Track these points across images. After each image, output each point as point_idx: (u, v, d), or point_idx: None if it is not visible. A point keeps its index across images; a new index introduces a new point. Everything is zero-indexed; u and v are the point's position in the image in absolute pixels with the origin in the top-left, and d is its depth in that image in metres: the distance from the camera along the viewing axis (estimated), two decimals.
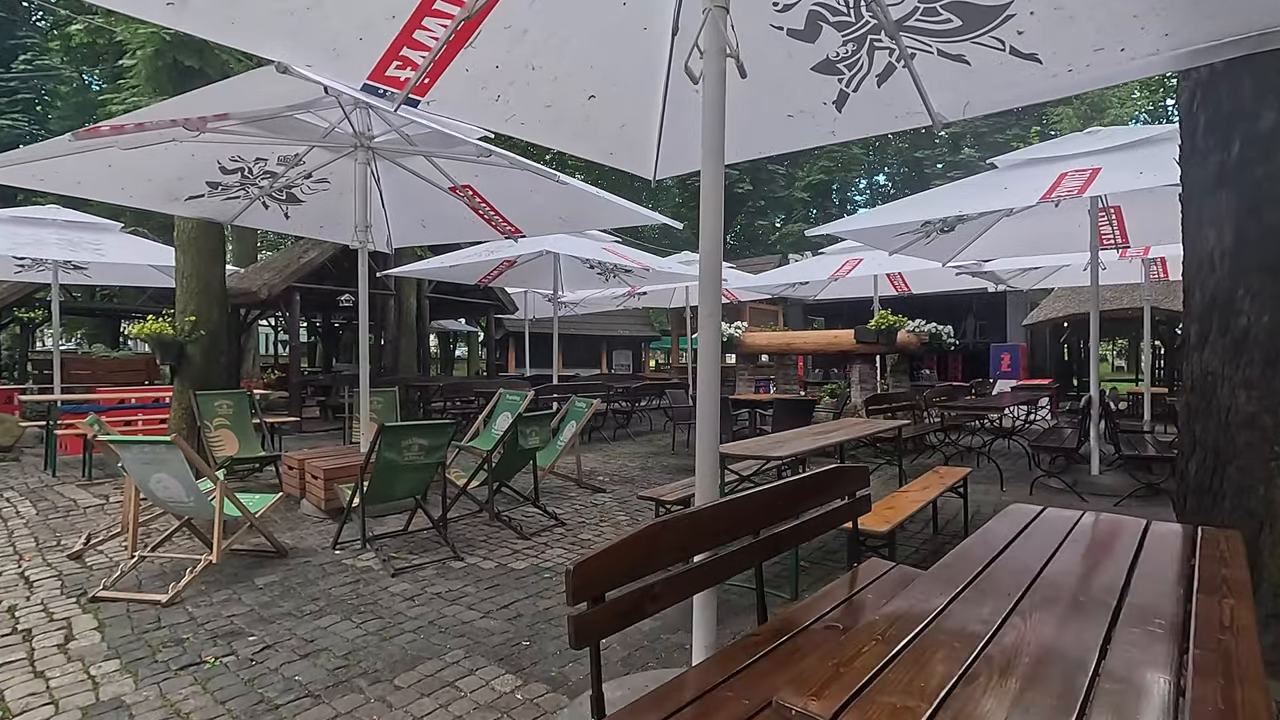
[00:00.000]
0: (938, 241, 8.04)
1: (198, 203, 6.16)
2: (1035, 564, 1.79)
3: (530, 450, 5.12)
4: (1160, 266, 10.40)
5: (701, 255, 2.09)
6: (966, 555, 1.88)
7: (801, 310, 19.68)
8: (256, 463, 6.23)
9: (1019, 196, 5.74)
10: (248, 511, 4.02)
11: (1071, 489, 6.14)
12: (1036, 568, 1.76)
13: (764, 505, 2.20)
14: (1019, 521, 2.24)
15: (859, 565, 2.76)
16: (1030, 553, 1.91)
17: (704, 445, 2.17)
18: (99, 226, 9.69)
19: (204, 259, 6.53)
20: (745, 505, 2.12)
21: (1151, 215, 7.44)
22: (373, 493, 4.27)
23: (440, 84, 3.38)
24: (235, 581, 3.90)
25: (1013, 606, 1.51)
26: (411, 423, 4.26)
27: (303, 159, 6.11)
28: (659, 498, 4.07)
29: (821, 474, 2.51)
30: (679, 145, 4.39)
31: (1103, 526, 2.23)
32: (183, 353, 6.37)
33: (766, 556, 2.21)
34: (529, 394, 6.76)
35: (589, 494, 6.32)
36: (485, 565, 4.20)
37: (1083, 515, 2.34)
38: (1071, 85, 3.17)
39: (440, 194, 6.51)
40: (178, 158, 5.57)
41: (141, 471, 3.73)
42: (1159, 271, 10.54)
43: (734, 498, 2.10)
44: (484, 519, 5.25)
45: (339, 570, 4.09)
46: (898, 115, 3.65)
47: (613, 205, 6.00)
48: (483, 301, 14.54)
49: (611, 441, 10.02)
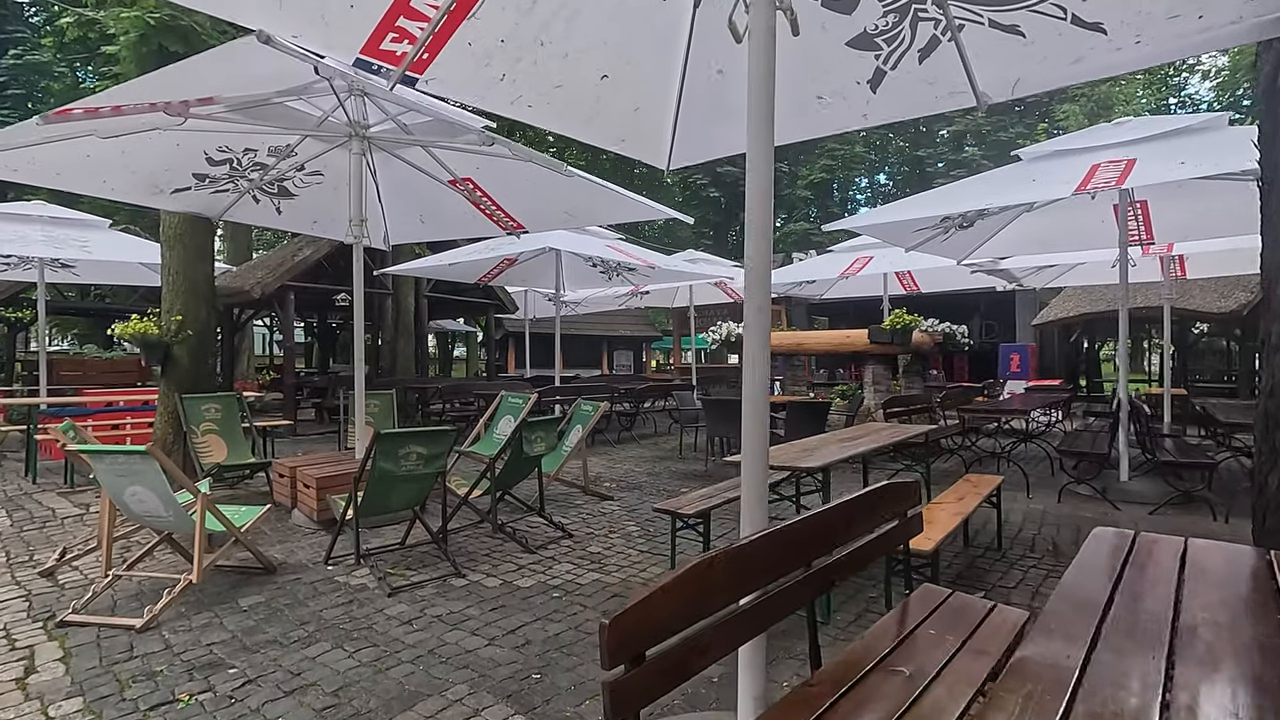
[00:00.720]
0: (955, 238, 7.76)
1: (184, 196, 5.86)
2: (1163, 607, 1.49)
3: (535, 457, 4.83)
4: (1178, 264, 10.11)
5: (748, 242, 1.80)
6: (1073, 595, 1.59)
7: (805, 310, 19.41)
8: (246, 470, 5.93)
9: (1049, 189, 5.46)
10: (232, 526, 3.72)
11: (1102, 496, 5.86)
12: (1167, 612, 1.46)
13: (816, 532, 1.91)
14: (1115, 550, 1.95)
15: (910, 594, 2.47)
16: (1151, 592, 1.61)
17: (751, 465, 1.87)
18: (86, 223, 9.40)
19: (191, 255, 6.23)
20: (797, 533, 1.82)
21: (1179, 210, 7.17)
22: (368, 505, 3.97)
23: (440, 60, 3.08)
24: (218, 602, 3.59)
25: (1168, 665, 1.22)
26: (409, 430, 3.96)
27: (295, 150, 5.81)
28: (676, 511, 3.78)
29: (874, 492, 2.21)
30: (695, 131, 4.10)
31: (1215, 556, 1.93)
32: (169, 354, 6.06)
33: (820, 592, 1.91)
34: (532, 396, 6.46)
35: (596, 502, 6.02)
36: (489, 583, 3.90)
37: (1186, 543, 2.04)
38: (1137, 59, 2.88)
39: (439, 188, 6.22)
40: (162, 147, 5.27)
41: (115, 484, 3.43)
42: (1176, 270, 10.24)
43: (784, 525, 1.80)
44: (486, 530, 4.96)
45: (331, 589, 3.79)
46: (938, 96, 3.36)
47: (621, 199, 5.70)
48: (482, 301, 14.23)
49: (616, 445, 9.73)
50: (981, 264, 9.54)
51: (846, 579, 2.39)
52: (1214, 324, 13.62)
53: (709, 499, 4.02)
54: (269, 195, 6.28)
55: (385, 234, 7.25)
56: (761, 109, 1.86)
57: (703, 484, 6.90)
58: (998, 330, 18.48)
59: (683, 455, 8.73)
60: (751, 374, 1.80)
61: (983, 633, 2.15)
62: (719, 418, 7.59)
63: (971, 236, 7.96)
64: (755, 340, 1.77)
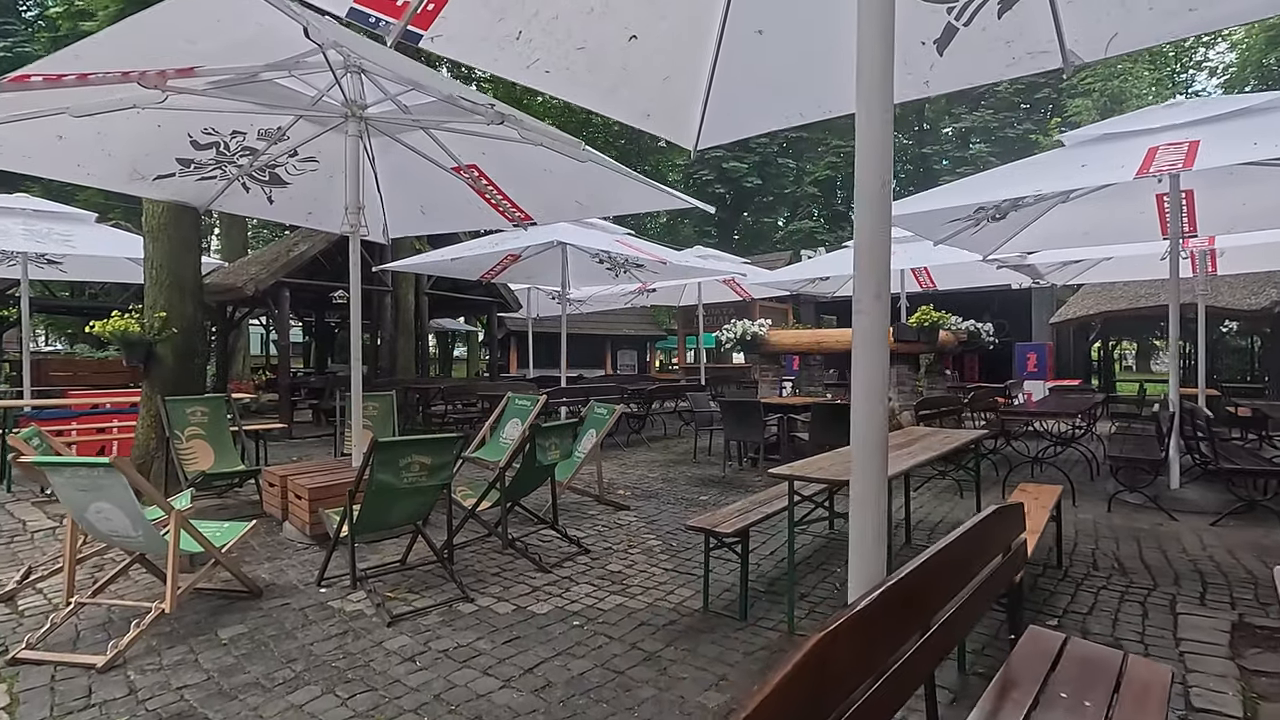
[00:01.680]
0: (985, 231, 7.36)
1: (168, 183, 5.44)
2: None
3: (549, 466, 4.42)
4: (1210, 260, 9.68)
5: (860, 213, 1.38)
6: None
7: (814, 309, 19.01)
8: (235, 478, 5.51)
9: (1103, 174, 5.04)
10: (211, 546, 3.30)
11: (1156, 505, 5.45)
12: None
13: (934, 578, 1.50)
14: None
15: (1016, 638, 2.06)
16: None
17: (864, 503, 1.44)
18: (71, 217, 8.98)
19: (176, 248, 5.81)
20: (914, 584, 1.41)
21: (1227, 200, 6.77)
22: (365, 520, 3.56)
23: (447, 12, 2.67)
24: (195, 633, 3.18)
25: None
26: (411, 438, 3.55)
27: (287, 133, 5.39)
28: (712, 529, 3.36)
29: (988, 520, 1.80)
30: (729, 105, 3.67)
31: None
32: (151, 353, 5.65)
33: (941, 658, 1.50)
34: (541, 399, 6.06)
35: (611, 512, 5.61)
36: (500, 609, 3.49)
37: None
38: (1267, 5, 2.47)
39: (442, 176, 5.81)
40: (142, 128, 4.85)
41: (76, 500, 3.02)
42: (1209, 265, 9.81)
43: (901, 576, 1.38)
44: (494, 545, 4.54)
45: (323, 616, 3.37)
46: (1015, 57, 2.95)
47: (638, 186, 5.25)
48: (485, 299, 13.81)
49: (626, 448, 9.31)
50: (1007, 259, 9.12)
51: (965, 636, 1.97)
52: (1243, 322, 13.21)
53: (746, 514, 3.61)
54: (260, 183, 5.86)
55: (384, 226, 6.83)
56: (875, 50, 1.45)
57: (722, 491, 6.51)
58: (1009, 329, 18.05)
59: (696, 459, 8.31)
60: (866, 380, 1.37)
61: (1127, 697, 1.74)
62: (738, 421, 7.18)
63: (1002, 229, 7.56)
64: (870, 334, 1.35)
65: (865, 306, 1.36)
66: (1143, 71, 26.11)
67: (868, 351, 1.36)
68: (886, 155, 1.44)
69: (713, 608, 3.51)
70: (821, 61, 3.30)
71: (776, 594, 3.74)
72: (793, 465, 3.29)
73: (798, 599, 3.57)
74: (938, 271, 12.48)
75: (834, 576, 4.01)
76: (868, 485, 1.41)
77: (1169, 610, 3.46)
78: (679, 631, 3.23)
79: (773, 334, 9.15)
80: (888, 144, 1.44)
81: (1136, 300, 13.17)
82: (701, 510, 5.63)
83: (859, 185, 1.40)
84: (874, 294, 1.35)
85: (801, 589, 3.75)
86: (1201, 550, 4.46)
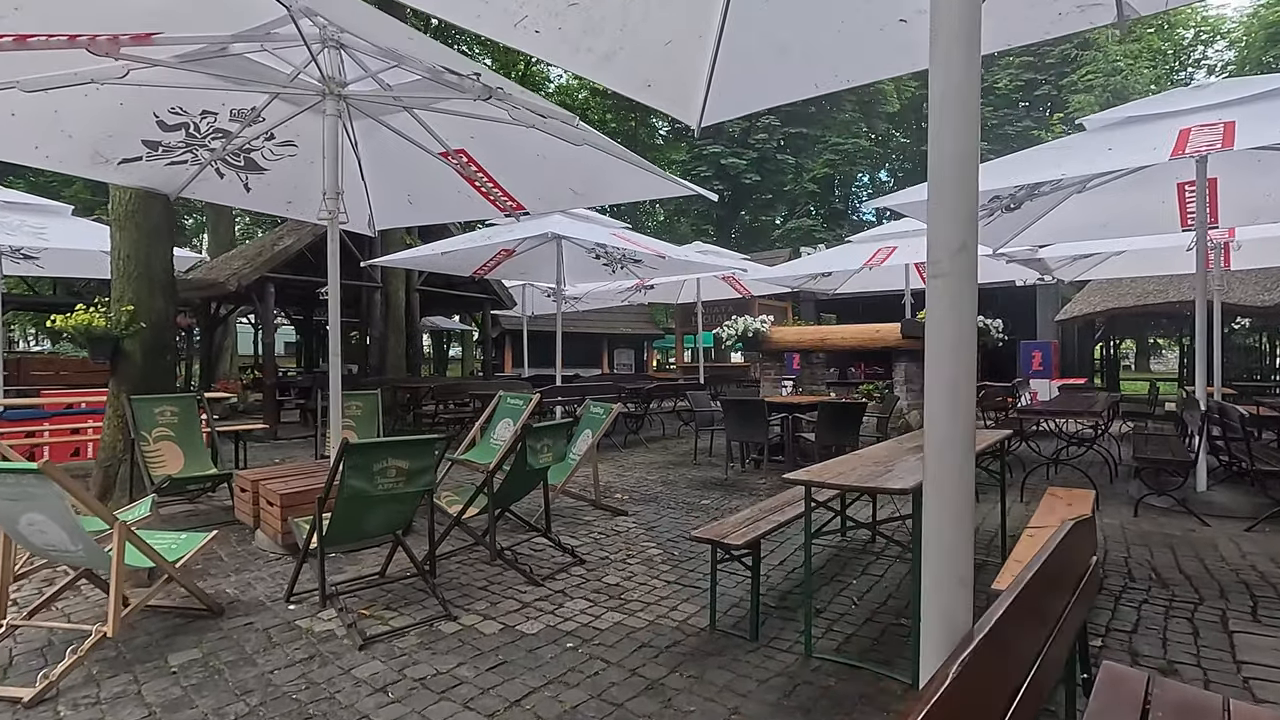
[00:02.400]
0: (999, 222, 7.06)
1: (134, 168, 5.10)
2: None
3: (542, 469, 4.09)
4: (1225, 253, 9.39)
5: (935, 138, 1.06)
6: None
7: (814, 306, 18.70)
8: (208, 482, 5.17)
9: (1133, 156, 4.74)
10: (163, 561, 2.97)
11: (1185, 509, 5.15)
12: None
13: (1019, 625, 1.17)
14: None
15: (1090, 677, 1.73)
16: None
17: (941, 528, 1.10)
18: (43, 209, 8.65)
19: (145, 237, 5.46)
20: (1004, 635, 1.08)
21: (1251, 190, 6.48)
22: (335, 531, 3.22)
23: None
24: (142, 659, 2.84)
25: None
26: (386, 440, 3.22)
27: (262, 114, 5.04)
28: (720, 540, 3.04)
29: (1065, 543, 1.48)
30: (738, 76, 3.34)
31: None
32: (118, 349, 5.30)
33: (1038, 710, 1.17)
34: (533, 398, 5.72)
35: (608, 517, 5.28)
36: (486, 629, 3.16)
37: None
38: None
39: (429, 162, 5.47)
40: (102, 107, 4.51)
41: (5, 510, 2.68)
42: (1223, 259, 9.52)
43: (991, 628, 1.05)
44: (482, 554, 4.21)
45: (289, 639, 3.03)
46: (1062, 12, 2.64)
47: (638, 172, 4.91)
48: (478, 296, 13.46)
49: (623, 449, 8.98)
50: (1017, 253, 8.84)
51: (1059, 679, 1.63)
52: (1255, 318, 12.94)
53: (755, 523, 3.28)
54: (235, 169, 5.51)
55: (370, 217, 6.50)
56: None
57: (725, 494, 6.18)
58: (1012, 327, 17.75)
59: (698, 461, 7.98)
60: (951, 361, 1.03)
61: None
62: (740, 421, 6.86)
63: (1015, 221, 7.27)
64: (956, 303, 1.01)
65: (944, 267, 1.03)
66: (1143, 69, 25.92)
67: (951, 326, 1.03)
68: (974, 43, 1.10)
69: (720, 626, 3.18)
70: (841, 24, 2.99)
71: (788, 609, 3.42)
72: (809, 470, 2.97)
73: (813, 615, 3.25)
74: None
75: (850, 589, 3.70)
76: (948, 507, 1.08)
77: (1221, 628, 3.14)
78: (684, 654, 2.90)
79: (775, 331, 8.84)
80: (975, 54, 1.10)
81: (1144, 297, 12.89)
82: (704, 515, 5.31)
83: (938, 91, 1.06)
84: (956, 247, 1.02)
85: (816, 603, 3.43)
86: (1241, 559, 4.16)
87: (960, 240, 1.02)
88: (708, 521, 5.13)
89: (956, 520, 1.09)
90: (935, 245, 1.06)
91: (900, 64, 3.14)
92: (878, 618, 3.30)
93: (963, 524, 1.10)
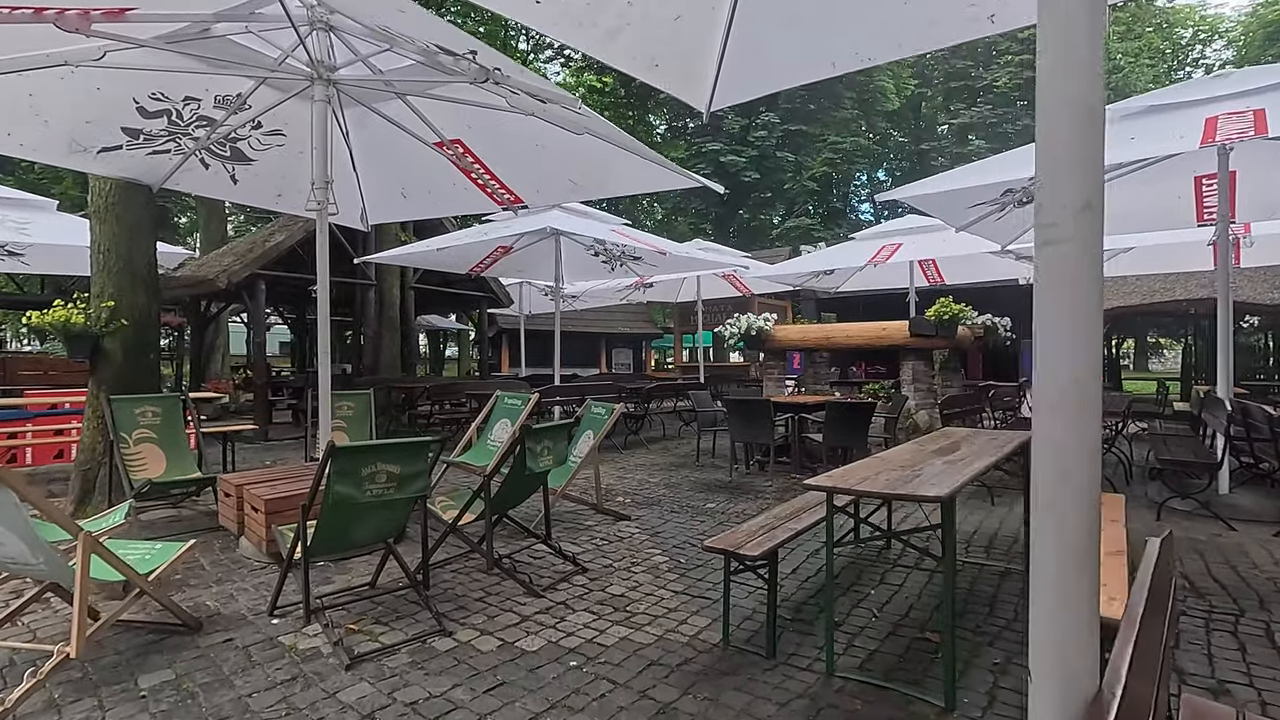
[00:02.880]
0: (1010, 217, 6.87)
1: (114, 157, 4.88)
2: None
3: (542, 473, 3.87)
4: (1235, 250, 9.22)
5: (1045, 76, 0.84)
6: None
7: (815, 305, 18.51)
8: (191, 486, 4.94)
9: (1159, 145, 4.55)
10: (133, 573, 2.75)
11: (1209, 512, 4.96)
12: None
13: (1146, 664, 0.97)
14: None
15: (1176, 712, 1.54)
16: None
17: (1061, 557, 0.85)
18: (26, 204, 8.39)
19: (126, 230, 5.22)
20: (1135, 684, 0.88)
21: (1271, 183, 6.30)
22: (321, 540, 3.01)
23: None
24: (109, 681, 2.62)
25: None
26: (376, 443, 3.00)
27: (248, 101, 4.83)
28: (735, 550, 2.83)
29: (1160, 565, 1.28)
30: (750, 55, 3.15)
31: None
32: (98, 347, 5.07)
33: None
34: (532, 398, 5.51)
35: (610, 522, 5.07)
36: (483, 645, 2.94)
37: None
38: None
39: (423, 153, 5.26)
40: (79, 91, 4.29)
41: None
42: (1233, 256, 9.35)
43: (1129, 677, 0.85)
44: (478, 562, 3.99)
45: (270, 658, 2.82)
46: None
47: (641, 163, 4.70)
48: (474, 294, 13.22)
49: (623, 451, 8.76)
50: (1026, 249, 8.66)
51: None
52: (1264, 317, 12.80)
53: (770, 531, 3.08)
54: (221, 159, 5.29)
55: (363, 211, 6.29)
56: None
57: (729, 497, 5.97)
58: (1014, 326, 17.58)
59: (700, 462, 7.78)
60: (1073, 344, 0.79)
61: None
62: (745, 421, 6.66)
63: (1026, 215, 7.07)
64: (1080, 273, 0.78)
65: (1063, 230, 0.81)
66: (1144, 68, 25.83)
67: (1072, 308, 0.81)
68: None
69: (734, 641, 2.98)
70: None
71: (804, 622, 3.22)
72: (831, 475, 2.77)
73: (834, 630, 3.04)
74: (945, 264, 12.02)
75: (868, 600, 3.49)
76: (1071, 543, 0.85)
77: (1268, 642, 2.95)
78: (696, 674, 2.69)
79: (779, 329, 8.64)
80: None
81: (1151, 295, 12.73)
82: (709, 520, 5.10)
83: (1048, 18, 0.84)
84: (1080, 204, 0.80)
85: (834, 616, 3.23)
86: (1275, 565, 3.97)
87: (1084, 196, 0.80)
88: (713, 525, 4.93)
89: (1081, 561, 0.87)
90: (1049, 205, 0.84)
91: (924, 40, 2.94)
92: (901, 631, 3.10)
93: (1088, 565, 0.88)
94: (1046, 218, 0.84)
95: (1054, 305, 0.82)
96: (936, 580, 3.74)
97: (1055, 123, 0.81)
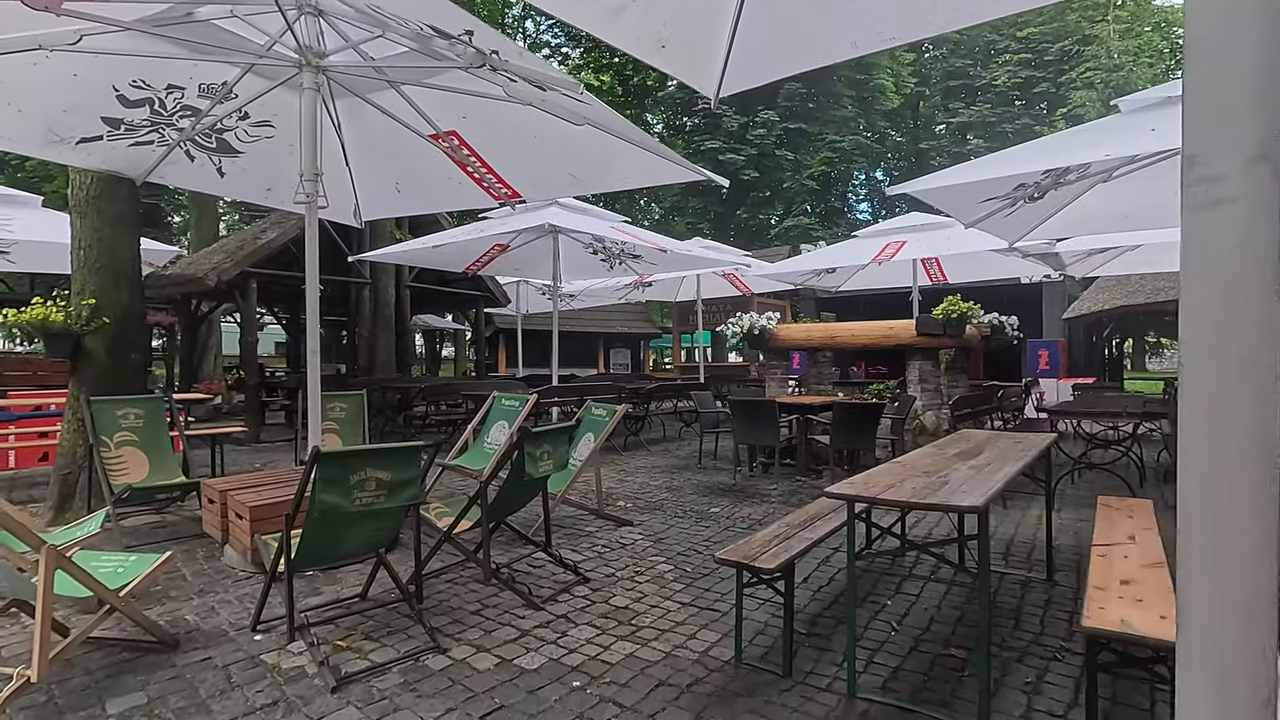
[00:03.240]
0: (1020, 213, 6.69)
1: (94, 148, 4.67)
2: None
3: (541, 479, 3.69)
4: None
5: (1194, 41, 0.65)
6: None
7: (814, 304, 18.36)
8: (175, 491, 4.75)
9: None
10: (103, 589, 2.55)
11: None
12: None
13: None
14: None
15: None
16: None
17: (1239, 663, 0.64)
18: (10, 199, 8.20)
19: (108, 225, 5.02)
20: None
21: None
22: (306, 551, 2.82)
23: None
24: (76, 706, 2.42)
25: None
26: (364, 448, 2.81)
27: (234, 89, 4.63)
28: (749, 563, 2.65)
29: None
30: (765, 34, 2.96)
31: None
32: (79, 346, 4.87)
33: None
34: (530, 399, 5.33)
35: (612, 528, 4.89)
36: (479, 664, 2.76)
37: None
38: None
39: (418, 146, 5.07)
40: (54, 77, 4.09)
41: None
42: None
43: None
44: (475, 572, 3.81)
45: (251, 678, 2.63)
46: None
47: (644, 155, 4.51)
48: (471, 293, 13.03)
49: (623, 453, 8.58)
50: (1033, 247, 8.51)
51: None
52: None
53: (785, 541, 2.90)
54: (206, 151, 5.08)
55: (356, 207, 6.08)
56: None
57: (734, 501, 5.78)
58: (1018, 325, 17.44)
59: (703, 464, 7.60)
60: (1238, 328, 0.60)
61: None
62: (749, 422, 6.48)
63: (1036, 211, 6.90)
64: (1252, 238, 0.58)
65: (1230, 187, 0.60)
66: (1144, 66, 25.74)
67: (1246, 281, 0.62)
68: None
69: (747, 659, 2.79)
70: None
71: (820, 636, 3.04)
72: (853, 482, 2.58)
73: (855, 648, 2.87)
74: (948, 263, 11.87)
75: (885, 611, 3.32)
76: (1246, 584, 0.67)
77: None
78: (708, 695, 2.51)
79: (782, 329, 8.46)
80: None
81: (1155, 294, 12.59)
82: (714, 525, 4.92)
83: None
84: (1253, 153, 0.61)
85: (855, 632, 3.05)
86: None
87: (1258, 145, 0.62)
88: (719, 531, 4.75)
89: (1253, 614, 0.67)
90: (1208, 157, 0.64)
91: (954, 17, 2.76)
92: (923, 647, 2.92)
93: (1267, 615, 0.69)
94: (1205, 172, 0.64)
95: (1223, 278, 0.62)
96: (955, 591, 3.57)
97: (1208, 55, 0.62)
